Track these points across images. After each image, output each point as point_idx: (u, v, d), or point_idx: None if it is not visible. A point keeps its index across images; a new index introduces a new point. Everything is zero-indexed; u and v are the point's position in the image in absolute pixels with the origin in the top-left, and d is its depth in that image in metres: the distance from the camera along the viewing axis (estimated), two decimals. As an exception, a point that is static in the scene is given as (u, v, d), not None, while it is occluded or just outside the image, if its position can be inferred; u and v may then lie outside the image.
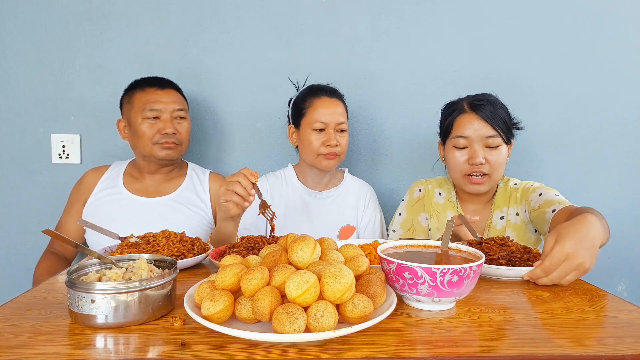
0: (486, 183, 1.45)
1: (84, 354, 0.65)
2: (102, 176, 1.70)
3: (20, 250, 1.86)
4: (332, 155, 1.59)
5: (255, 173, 1.21)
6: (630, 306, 0.86)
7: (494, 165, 1.42)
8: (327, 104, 1.59)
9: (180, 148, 1.67)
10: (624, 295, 2.01)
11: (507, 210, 1.50)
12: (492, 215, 1.52)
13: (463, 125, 1.44)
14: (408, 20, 1.90)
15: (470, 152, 1.43)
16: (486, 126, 1.41)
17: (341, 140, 1.60)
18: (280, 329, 0.64)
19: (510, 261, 1.04)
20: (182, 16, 1.85)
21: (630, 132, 1.96)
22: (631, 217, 1.99)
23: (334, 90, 1.65)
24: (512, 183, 1.55)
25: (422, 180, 1.67)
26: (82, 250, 0.83)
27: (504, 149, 1.44)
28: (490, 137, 1.41)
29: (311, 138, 1.59)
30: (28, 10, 1.81)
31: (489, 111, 1.41)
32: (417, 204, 1.61)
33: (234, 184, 1.20)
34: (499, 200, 1.53)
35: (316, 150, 1.58)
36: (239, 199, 1.20)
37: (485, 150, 1.42)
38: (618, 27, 1.92)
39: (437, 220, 1.57)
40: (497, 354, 0.66)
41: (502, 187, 1.55)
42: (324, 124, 1.57)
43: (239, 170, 1.22)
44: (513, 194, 1.52)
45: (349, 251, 0.83)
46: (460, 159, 1.45)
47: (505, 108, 1.47)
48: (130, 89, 1.67)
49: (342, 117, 1.60)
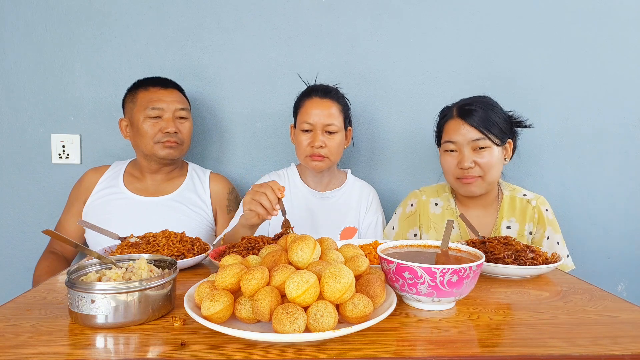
0: (478, 184, 1.44)
1: (84, 354, 0.65)
2: (102, 176, 1.70)
3: (20, 250, 1.86)
4: (318, 157, 1.57)
5: (282, 188, 1.21)
6: (630, 306, 0.86)
7: (485, 167, 1.42)
8: (316, 105, 1.57)
9: (182, 148, 1.67)
10: (623, 295, 2.01)
11: (523, 225, 1.49)
12: (497, 222, 1.51)
13: (451, 131, 1.46)
14: (408, 21, 1.90)
15: (459, 157, 1.44)
16: (472, 130, 1.42)
17: (329, 141, 1.57)
18: (280, 329, 0.64)
19: (516, 259, 1.04)
20: (182, 16, 1.86)
21: (630, 132, 1.96)
22: (631, 217, 1.99)
23: (328, 90, 1.62)
24: (521, 194, 1.53)
25: (415, 192, 1.64)
26: (82, 250, 0.83)
27: (495, 151, 1.43)
28: (477, 140, 1.41)
29: (300, 139, 1.59)
30: (28, 10, 1.81)
31: (477, 115, 1.41)
32: (409, 218, 1.60)
33: (261, 195, 1.20)
34: (507, 210, 1.51)
35: (304, 151, 1.58)
36: (263, 210, 1.21)
37: (474, 153, 1.43)
38: (618, 27, 1.92)
39: (435, 231, 1.55)
40: (497, 354, 0.66)
41: (508, 196, 1.53)
42: (311, 125, 1.56)
43: (267, 182, 1.23)
44: (528, 208, 1.50)
45: (349, 251, 0.83)
46: (451, 163, 1.47)
47: (499, 109, 1.46)
48: (133, 88, 1.67)
49: (331, 118, 1.56)
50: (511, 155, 1.51)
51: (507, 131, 1.46)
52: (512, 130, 1.50)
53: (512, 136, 1.50)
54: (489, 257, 1.06)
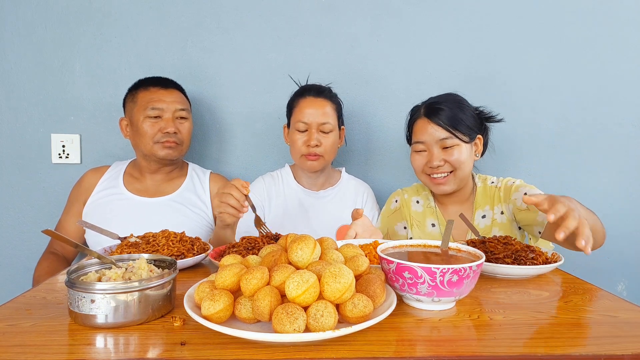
0: (450, 182, 1.45)
1: (83, 354, 0.65)
2: (102, 176, 1.70)
3: (20, 250, 1.86)
4: (313, 156, 1.58)
5: (246, 184, 1.23)
6: (630, 306, 0.86)
7: (455, 164, 1.42)
8: (310, 104, 1.58)
9: (181, 148, 1.67)
10: (623, 295, 2.01)
11: (492, 209, 1.50)
12: (473, 215, 1.52)
13: (419, 131, 1.47)
14: (408, 21, 1.90)
15: (428, 156, 1.45)
16: (439, 129, 1.42)
17: (324, 140, 1.58)
18: (280, 329, 0.64)
19: (516, 260, 1.05)
20: (182, 16, 1.86)
21: (629, 132, 1.96)
22: (630, 217, 1.99)
23: (321, 90, 1.63)
24: (490, 181, 1.55)
25: (398, 191, 1.67)
26: (82, 250, 0.83)
27: (464, 148, 1.43)
28: (445, 139, 1.42)
29: (295, 138, 1.60)
30: (28, 10, 1.81)
31: (444, 114, 1.41)
32: (394, 214, 1.62)
33: (227, 197, 1.23)
34: (480, 200, 1.53)
35: (299, 150, 1.59)
36: (233, 210, 1.23)
37: (443, 152, 1.43)
38: (618, 27, 1.93)
39: (419, 229, 1.57)
40: (497, 354, 0.66)
41: (481, 187, 1.54)
42: (306, 124, 1.57)
43: (232, 181, 1.25)
44: (495, 192, 1.51)
45: (349, 251, 0.83)
46: (420, 162, 1.47)
47: (467, 106, 1.46)
48: (134, 88, 1.67)
49: (325, 117, 1.57)
50: (482, 151, 1.52)
51: (475, 128, 1.46)
52: (481, 126, 1.50)
53: (481, 132, 1.50)
54: (489, 257, 1.06)
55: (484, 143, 1.52)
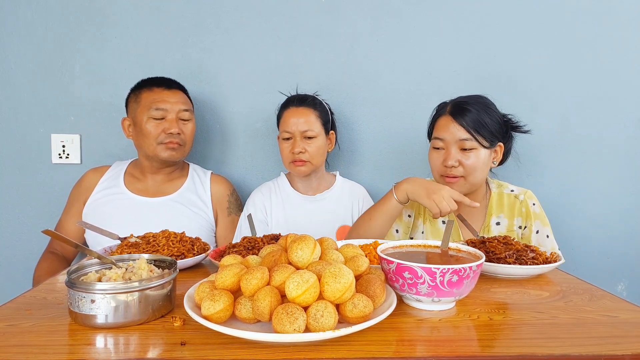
0: (460, 184, 1.44)
1: (84, 354, 0.65)
2: (103, 176, 1.70)
3: (20, 250, 1.86)
4: (300, 162, 1.64)
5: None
6: (630, 306, 0.86)
7: (468, 168, 1.41)
8: (293, 114, 1.64)
9: (184, 149, 1.67)
10: (623, 295, 2.01)
11: (512, 220, 1.49)
12: (487, 219, 1.51)
13: (441, 127, 1.45)
14: (408, 21, 1.90)
15: (445, 154, 1.44)
16: (461, 130, 1.40)
17: (308, 147, 1.63)
18: (280, 329, 0.64)
19: (517, 259, 1.04)
20: (182, 16, 1.86)
21: (629, 133, 1.96)
22: (630, 217, 1.99)
23: (303, 99, 1.67)
24: (508, 189, 1.54)
25: None
26: (82, 250, 0.83)
27: (482, 153, 1.41)
28: (464, 140, 1.40)
29: (282, 147, 1.67)
30: (28, 10, 1.81)
31: (469, 115, 1.39)
32: None
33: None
34: (495, 206, 1.52)
35: (287, 157, 1.66)
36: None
37: (460, 153, 1.42)
38: (618, 28, 1.92)
39: (430, 224, 1.56)
40: (497, 354, 0.66)
41: (496, 192, 1.53)
42: (290, 133, 1.64)
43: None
44: (516, 204, 1.50)
45: (349, 251, 0.83)
46: (437, 160, 1.46)
47: (494, 111, 1.44)
48: (137, 88, 1.67)
49: (307, 124, 1.62)
50: (501, 159, 1.49)
51: (498, 134, 1.44)
52: (506, 134, 1.48)
53: (504, 140, 1.48)
54: (490, 257, 1.06)
55: (505, 151, 1.49)
